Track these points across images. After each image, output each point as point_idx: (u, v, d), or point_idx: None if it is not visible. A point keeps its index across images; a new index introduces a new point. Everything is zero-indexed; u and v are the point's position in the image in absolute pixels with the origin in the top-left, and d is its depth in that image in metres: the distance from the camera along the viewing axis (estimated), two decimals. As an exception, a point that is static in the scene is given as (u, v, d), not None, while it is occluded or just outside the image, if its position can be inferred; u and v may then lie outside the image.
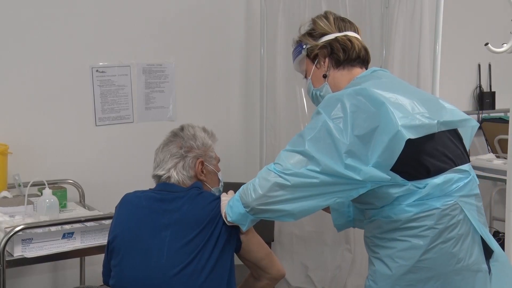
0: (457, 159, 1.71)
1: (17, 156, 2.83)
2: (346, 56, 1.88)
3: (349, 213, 2.06)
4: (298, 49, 1.96)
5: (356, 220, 2.05)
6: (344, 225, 2.10)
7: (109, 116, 3.18)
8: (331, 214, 2.09)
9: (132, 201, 2.02)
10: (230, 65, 3.60)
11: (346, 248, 3.35)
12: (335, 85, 1.88)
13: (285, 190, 1.66)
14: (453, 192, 1.66)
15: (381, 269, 1.70)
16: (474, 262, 1.67)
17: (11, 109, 2.92)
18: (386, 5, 3.06)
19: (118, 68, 3.19)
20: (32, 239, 2.32)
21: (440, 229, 1.63)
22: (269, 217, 1.77)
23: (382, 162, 1.60)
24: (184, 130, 2.08)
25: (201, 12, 3.44)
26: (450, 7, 2.89)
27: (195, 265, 1.85)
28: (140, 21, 3.24)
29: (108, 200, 2.69)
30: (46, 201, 2.51)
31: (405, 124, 1.59)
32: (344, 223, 2.08)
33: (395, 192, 1.65)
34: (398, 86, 1.77)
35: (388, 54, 3.01)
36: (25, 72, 2.95)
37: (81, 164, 3.11)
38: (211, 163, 2.07)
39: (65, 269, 3.12)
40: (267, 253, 2.01)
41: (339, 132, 1.62)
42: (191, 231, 1.88)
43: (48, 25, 2.98)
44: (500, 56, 2.56)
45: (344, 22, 1.93)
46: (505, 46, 2.36)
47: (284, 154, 1.70)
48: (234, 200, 1.81)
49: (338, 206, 2.06)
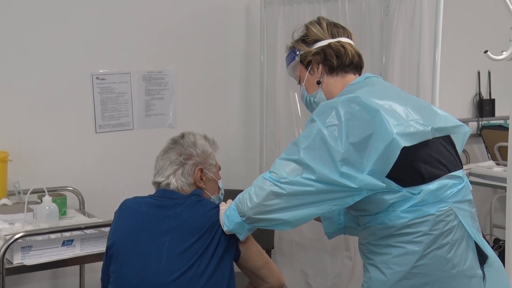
0: (450, 165, 1.72)
1: (17, 163, 2.83)
2: (340, 62, 1.88)
3: (339, 221, 2.07)
4: (292, 55, 1.96)
5: (347, 227, 2.06)
6: (335, 233, 2.10)
7: (109, 123, 3.18)
8: (322, 223, 2.09)
9: (131, 207, 2.03)
10: (230, 72, 3.61)
11: (346, 256, 3.35)
12: (329, 92, 1.89)
13: (281, 199, 1.66)
14: (447, 198, 1.66)
15: (376, 275, 1.70)
16: (469, 268, 1.67)
17: (11, 116, 2.92)
18: (385, 13, 3.07)
19: (118, 75, 3.19)
20: (32, 247, 2.32)
21: (435, 235, 1.63)
22: (266, 226, 1.76)
23: (377, 169, 1.60)
24: (184, 137, 2.08)
25: (201, 20, 3.45)
26: (449, 14, 2.90)
27: (193, 271, 1.85)
28: (140, 28, 3.25)
29: (108, 208, 2.68)
30: (46, 208, 2.51)
31: (400, 131, 1.60)
32: (335, 230, 2.09)
33: (389, 198, 1.65)
34: (391, 93, 1.78)
35: (388, 61, 3.01)
36: (25, 79, 2.95)
37: (81, 171, 3.11)
38: (210, 170, 2.07)
39: (64, 277, 3.11)
40: (266, 262, 2.01)
41: (333, 140, 1.62)
42: (190, 238, 1.88)
43: (48, 32, 2.99)
44: (500, 64, 2.56)
45: (337, 27, 1.94)
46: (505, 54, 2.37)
47: (279, 162, 1.70)
48: (231, 209, 1.82)
49: (330, 214, 2.06)
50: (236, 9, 3.58)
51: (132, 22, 3.22)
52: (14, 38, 2.91)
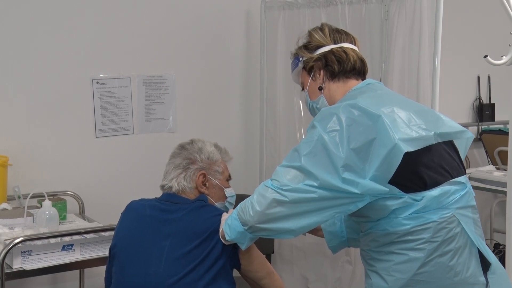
0: (453, 171, 1.71)
1: (17, 168, 2.82)
2: (341, 68, 1.88)
3: (342, 233, 2.06)
4: (295, 61, 1.97)
5: (350, 239, 2.05)
6: (339, 246, 2.10)
7: (109, 128, 3.18)
8: (325, 237, 2.09)
9: (136, 209, 2.06)
10: (230, 76, 3.61)
11: (346, 260, 3.34)
12: (331, 97, 1.89)
13: (284, 207, 1.65)
14: (449, 204, 1.66)
15: (377, 282, 1.70)
16: (472, 275, 1.66)
17: (11, 120, 2.92)
18: (385, 17, 3.07)
19: (119, 79, 3.19)
20: (32, 251, 2.32)
21: (437, 242, 1.62)
22: (268, 235, 1.74)
23: (380, 175, 1.60)
24: (192, 143, 2.11)
25: (201, 24, 3.45)
26: (449, 19, 2.90)
27: (192, 276, 1.85)
28: (141, 33, 3.25)
29: (108, 212, 2.69)
30: (46, 213, 2.50)
31: (402, 137, 1.59)
32: (338, 244, 2.09)
33: (391, 204, 1.64)
34: (393, 98, 1.78)
35: (388, 66, 3.01)
36: (26, 83, 2.95)
37: (81, 176, 3.10)
38: (215, 177, 2.08)
39: (64, 281, 3.10)
40: (268, 272, 2.01)
41: (335, 146, 1.61)
42: (190, 243, 1.88)
43: (49, 37, 2.99)
44: (500, 68, 2.57)
45: (339, 33, 1.93)
46: (504, 58, 2.37)
47: (280, 170, 1.69)
48: (232, 219, 1.80)
49: (332, 228, 2.06)
50: (236, 13, 3.58)
51: (132, 27, 3.22)
52: (14, 43, 2.91)
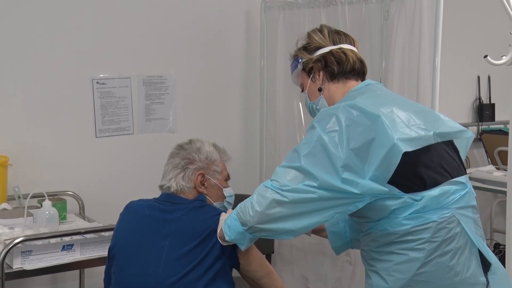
0: (453, 171, 1.71)
1: (17, 168, 2.82)
2: (340, 69, 1.88)
3: (346, 234, 2.06)
4: (295, 63, 1.98)
5: (353, 240, 2.05)
6: (342, 247, 2.10)
7: (109, 128, 3.18)
8: (328, 237, 2.09)
9: (135, 209, 2.06)
10: (230, 76, 3.61)
11: (346, 260, 3.34)
12: (330, 98, 1.89)
13: (283, 207, 1.65)
14: (449, 204, 1.66)
15: (377, 282, 1.70)
16: (472, 275, 1.66)
17: (11, 120, 2.92)
18: (385, 18, 3.07)
19: (119, 79, 3.19)
20: (32, 251, 2.32)
21: (437, 242, 1.63)
22: (268, 236, 1.74)
23: (379, 175, 1.60)
24: (191, 143, 2.12)
25: (201, 24, 3.45)
26: (449, 19, 2.90)
27: (191, 276, 1.85)
28: (141, 33, 3.25)
29: (108, 212, 2.69)
30: (46, 213, 2.51)
31: (401, 136, 1.60)
32: (342, 244, 2.09)
33: (391, 204, 1.65)
34: (392, 99, 1.78)
35: (388, 66, 3.02)
36: (26, 83, 2.95)
37: (81, 176, 3.10)
38: (214, 177, 2.08)
39: (64, 281, 3.11)
40: (267, 272, 2.01)
41: (334, 146, 1.62)
42: (189, 242, 1.88)
43: (49, 37, 2.99)
44: (500, 68, 2.57)
45: (339, 35, 1.94)
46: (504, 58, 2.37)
47: (280, 170, 1.69)
48: (231, 219, 1.80)
49: (336, 228, 2.06)
50: (236, 13, 3.58)
51: (132, 27, 3.22)
52: (14, 43, 2.91)
